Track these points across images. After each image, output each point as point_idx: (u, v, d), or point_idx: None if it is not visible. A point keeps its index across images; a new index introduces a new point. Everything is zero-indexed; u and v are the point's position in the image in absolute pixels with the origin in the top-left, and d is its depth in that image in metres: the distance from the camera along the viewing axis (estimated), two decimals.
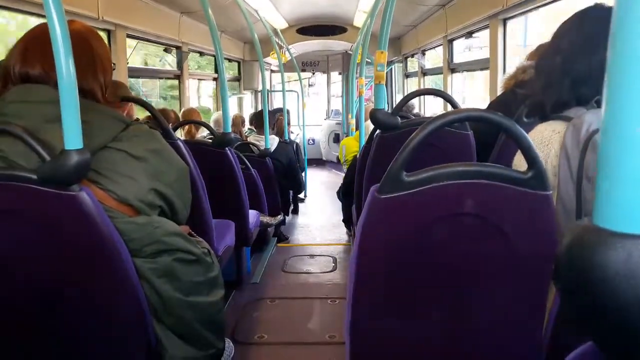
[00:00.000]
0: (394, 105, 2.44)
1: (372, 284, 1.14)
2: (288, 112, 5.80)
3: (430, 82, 5.97)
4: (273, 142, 4.30)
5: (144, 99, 2.31)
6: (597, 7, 1.22)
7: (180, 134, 3.65)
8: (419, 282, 1.13)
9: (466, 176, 1.02)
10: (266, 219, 3.58)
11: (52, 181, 1.08)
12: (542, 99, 1.24)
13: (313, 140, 9.52)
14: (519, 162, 1.18)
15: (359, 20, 6.38)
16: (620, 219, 0.33)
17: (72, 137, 1.05)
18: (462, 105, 3.35)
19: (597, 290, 0.33)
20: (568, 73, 1.18)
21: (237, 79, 7.36)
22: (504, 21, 3.37)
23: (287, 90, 5.87)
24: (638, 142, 0.31)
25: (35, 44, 1.22)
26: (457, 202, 1.04)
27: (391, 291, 1.15)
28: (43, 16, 1.04)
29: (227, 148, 2.66)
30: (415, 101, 5.26)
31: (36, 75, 1.20)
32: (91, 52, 1.29)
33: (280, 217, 4.03)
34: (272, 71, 9.03)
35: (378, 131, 2.07)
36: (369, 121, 2.56)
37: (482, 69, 4.02)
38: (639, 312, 0.31)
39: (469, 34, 4.15)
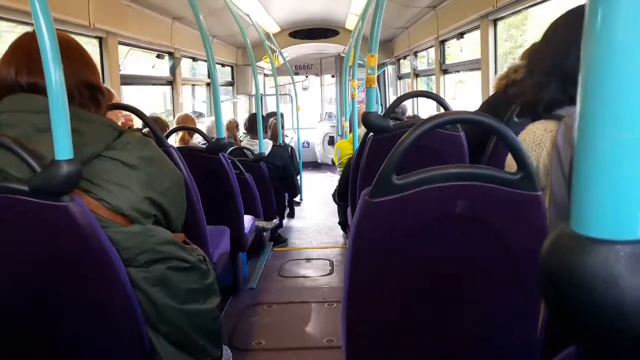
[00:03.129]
0: (387, 107, 2.44)
1: (366, 288, 1.14)
2: (282, 115, 5.80)
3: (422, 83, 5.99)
4: (267, 146, 4.29)
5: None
6: None
7: (174, 141, 3.64)
8: (412, 284, 1.13)
9: (457, 178, 1.02)
10: (262, 223, 3.57)
11: (42, 192, 1.07)
12: (534, 99, 1.24)
13: (308, 143, 9.52)
14: (512, 162, 1.18)
15: (350, 23, 6.39)
16: (596, 225, 0.33)
17: (62, 148, 1.04)
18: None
19: (575, 295, 0.32)
20: (558, 72, 1.18)
21: (231, 84, 7.36)
22: (495, 22, 3.38)
23: (280, 94, 5.86)
24: (612, 146, 0.31)
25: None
26: (448, 205, 1.04)
27: (385, 294, 1.15)
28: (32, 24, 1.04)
29: (221, 154, 2.65)
30: (407, 102, 5.28)
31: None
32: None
33: (275, 222, 4.01)
34: (265, 75, 9.03)
35: (371, 134, 2.07)
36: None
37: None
38: (617, 317, 0.31)
39: (461, 35, 4.17)
